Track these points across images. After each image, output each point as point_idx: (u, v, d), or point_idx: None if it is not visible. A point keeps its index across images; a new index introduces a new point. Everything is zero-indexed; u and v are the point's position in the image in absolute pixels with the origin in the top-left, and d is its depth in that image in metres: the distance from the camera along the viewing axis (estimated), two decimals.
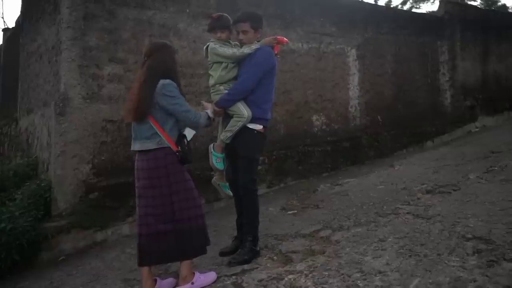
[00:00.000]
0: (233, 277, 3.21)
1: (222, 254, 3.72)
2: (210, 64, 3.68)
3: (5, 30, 10.49)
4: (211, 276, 3.23)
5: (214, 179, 3.74)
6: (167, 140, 3.11)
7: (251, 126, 3.57)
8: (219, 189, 3.75)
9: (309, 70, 6.87)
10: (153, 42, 3.46)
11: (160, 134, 3.10)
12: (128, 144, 4.93)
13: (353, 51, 7.54)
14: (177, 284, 3.21)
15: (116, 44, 4.98)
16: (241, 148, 3.58)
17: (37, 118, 5.73)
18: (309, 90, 6.85)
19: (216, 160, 3.63)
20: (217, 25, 3.66)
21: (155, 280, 3.18)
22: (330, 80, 7.16)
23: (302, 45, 6.80)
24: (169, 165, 3.11)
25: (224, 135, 3.55)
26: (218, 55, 3.58)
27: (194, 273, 3.17)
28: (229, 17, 3.72)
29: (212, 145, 3.68)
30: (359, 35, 7.66)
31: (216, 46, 3.60)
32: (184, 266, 3.15)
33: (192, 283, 3.11)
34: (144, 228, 3.12)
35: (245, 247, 3.54)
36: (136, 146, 3.20)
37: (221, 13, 3.78)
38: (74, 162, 4.66)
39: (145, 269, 3.14)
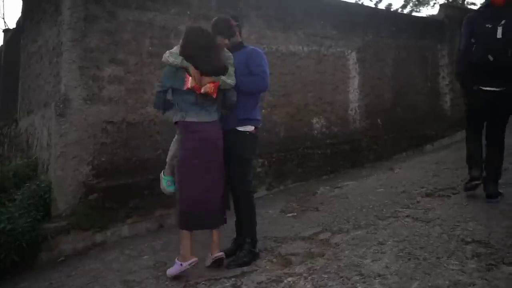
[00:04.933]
0: (233, 279, 3.21)
1: None
2: None
3: (6, 31, 10.52)
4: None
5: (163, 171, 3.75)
6: None
7: (241, 128, 3.60)
8: (161, 181, 3.73)
9: (309, 73, 6.88)
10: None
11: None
12: (127, 146, 4.98)
13: (353, 54, 7.55)
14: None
15: (117, 45, 4.99)
16: (233, 150, 3.58)
17: (37, 119, 5.74)
18: (309, 93, 6.86)
19: (167, 183, 3.67)
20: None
21: None
22: (330, 83, 7.17)
23: (302, 47, 6.81)
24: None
25: None
26: None
27: None
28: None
29: (162, 171, 3.71)
30: (359, 38, 7.68)
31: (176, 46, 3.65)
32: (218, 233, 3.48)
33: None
34: (203, 194, 3.41)
35: (244, 249, 3.55)
36: (210, 117, 3.47)
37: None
38: (74, 163, 4.67)
39: (189, 234, 3.42)
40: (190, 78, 3.31)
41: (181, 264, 3.36)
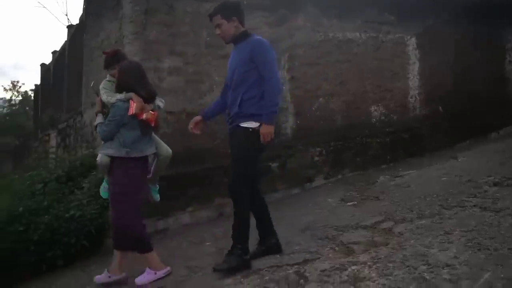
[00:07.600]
0: (295, 266, 3.20)
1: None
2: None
3: (69, 27, 10.97)
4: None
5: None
6: None
7: (245, 125, 3.30)
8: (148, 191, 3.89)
9: (367, 60, 6.73)
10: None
11: None
12: (186, 135, 5.04)
13: (413, 40, 7.30)
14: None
15: (175, 37, 5.08)
16: (232, 147, 3.43)
17: None
18: (367, 80, 6.71)
19: (103, 188, 3.82)
20: (115, 61, 3.75)
21: None
22: (388, 69, 6.98)
23: (360, 34, 6.66)
24: None
25: None
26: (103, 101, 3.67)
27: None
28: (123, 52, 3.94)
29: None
30: (418, 23, 7.40)
31: (103, 88, 3.71)
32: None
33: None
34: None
35: (233, 254, 3.26)
36: (151, 149, 3.66)
37: (117, 49, 3.94)
38: None
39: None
40: (134, 104, 3.37)
41: (155, 273, 3.47)
